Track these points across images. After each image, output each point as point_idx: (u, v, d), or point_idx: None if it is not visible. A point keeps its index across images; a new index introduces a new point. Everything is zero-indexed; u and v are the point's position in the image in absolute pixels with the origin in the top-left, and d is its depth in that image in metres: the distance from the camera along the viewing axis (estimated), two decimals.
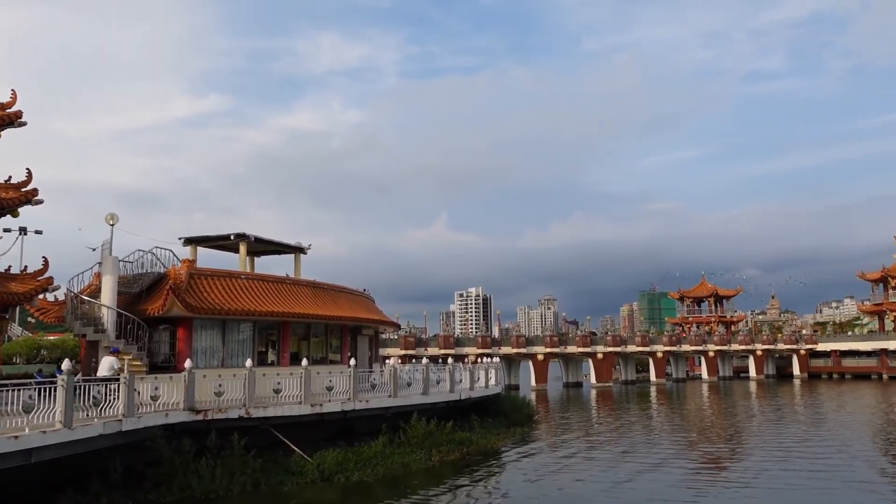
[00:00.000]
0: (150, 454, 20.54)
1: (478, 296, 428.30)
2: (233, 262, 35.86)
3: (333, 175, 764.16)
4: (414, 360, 57.51)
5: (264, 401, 24.64)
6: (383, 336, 63.92)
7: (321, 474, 23.10)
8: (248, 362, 24.99)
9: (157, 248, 29.28)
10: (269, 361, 30.08)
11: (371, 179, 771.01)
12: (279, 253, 38.86)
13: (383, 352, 62.23)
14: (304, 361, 26.39)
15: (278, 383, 25.10)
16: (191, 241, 34.39)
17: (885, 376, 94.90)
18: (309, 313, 30.87)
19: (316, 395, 25.96)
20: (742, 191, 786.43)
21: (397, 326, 49.48)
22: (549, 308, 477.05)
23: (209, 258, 35.76)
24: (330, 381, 26.57)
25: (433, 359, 50.39)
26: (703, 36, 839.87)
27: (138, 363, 24.85)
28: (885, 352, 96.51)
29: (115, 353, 23.73)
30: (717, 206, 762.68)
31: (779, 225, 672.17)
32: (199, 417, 22.48)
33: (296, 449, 24.14)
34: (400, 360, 51.28)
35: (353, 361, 28.27)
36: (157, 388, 21.72)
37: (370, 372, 30.94)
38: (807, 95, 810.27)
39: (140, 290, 27.91)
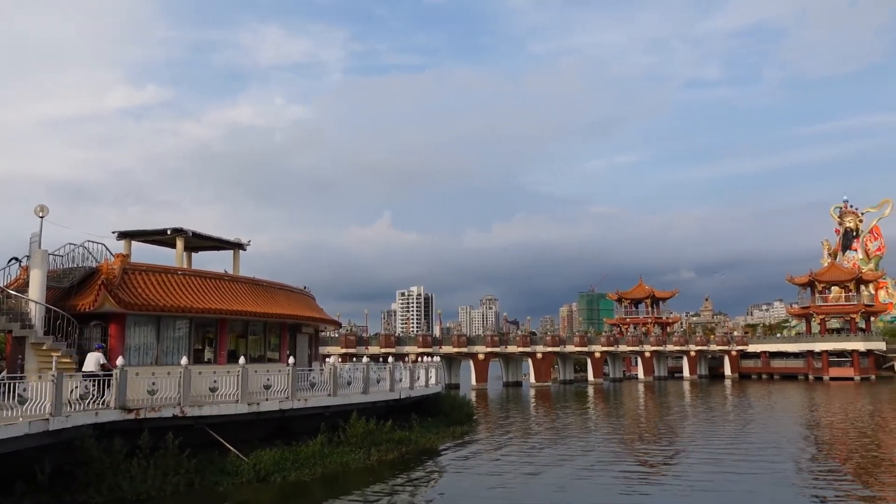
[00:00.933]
0: (79, 454, 19.91)
1: (419, 295, 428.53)
2: (169, 257, 35.04)
3: (275, 171, 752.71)
4: (354, 359, 57.18)
5: (200, 399, 24.14)
6: (324, 334, 63.37)
7: (257, 474, 22.75)
8: (184, 360, 24.44)
9: (89, 241, 28.35)
10: (206, 359, 29.47)
11: (314, 176, 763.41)
12: (218, 249, 38.12)
13: (323, 350, 61.72)
14: (242, 360, 25.97)
15: (215, 382, 24.63)
16: (125, 236, 33.43)
17: (810, 377, 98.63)
18: (247, 311, 30.37)
19: (253, 394, 25.57)
20: (680, 195, 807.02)
21: (338, 325, 49.08)
22: (490, 308, 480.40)
23: (144, 253, 34.83)
24: (268, 379, 26.22)
25: (374, 358, 50.21)
26: (645, 43, 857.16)
27: (68, 360, 24.05)
28: (811, 353, 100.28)
29: (100, 348, 23.78)
30: (657, 209, 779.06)
31: (714, 229, 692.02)
32: (131, 416, 21.88)
33: (231, 448, 23.74)
34: (340, 359, 50.98)
35: (291, 360, 27.95)
36: (87, 387, 21.06)
37: (309, 370, 30.64)
38: (743, 104, 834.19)
39: (70, 284, 26.99)
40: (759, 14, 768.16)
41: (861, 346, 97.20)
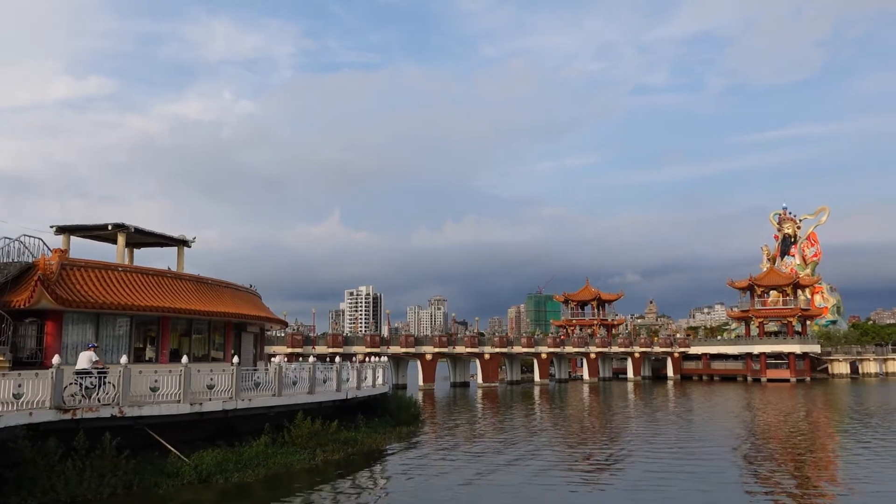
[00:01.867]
0: (11, 456, 19.23)
1: (368, 294, 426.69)
2: (110, 253, 34.17)
3: (223, 167, 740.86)
4: (301, 359, 56.63)
5: (140, 399, 23.57)
6: (270, 334, 62.61)
7: (199, 476, 22.33)
8: (124, 359, 23.80)
9: (25, 236, 27.49)
10: (147, 358, 28.84)
11: (263, 173, 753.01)
12: (161, 245, 37.34)
13: (269, 350, 60.96)
14: (185, 358, 25.45)
15: (156, 381, 24.07)
16: (64, 230, 32.47)
17: (749, 378, 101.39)
18: (191, 309, 29.79)
19: (196, 394, 25.08)
20: (627, 199, 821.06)
21: (284, 324, 48.55)
22: (439, 308, 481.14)
23: (84, 249, 33.96)
24: (211, 379, 25.75)
25: (321, 357, 49.77)
26: (595, 48, 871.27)
27: (0, 358, 23.23)
28: (749, 355, 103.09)
29: (92, 347, 23.88)
30: (605, 212, 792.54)
31: (659, 233, 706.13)
32: (67, 416, 21.22)
33: (172, 449, 23.24)
34: (286, 359, 50.38)
35: (236, 359, 27.50)
36: (20, 386, 20.35)
37: (254, 370, 30.19)
38: (688, 110, 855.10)
39: (5, 280, 26.08)
40: (707, 23, 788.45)
41: (797, 348, 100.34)
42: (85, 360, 22.93)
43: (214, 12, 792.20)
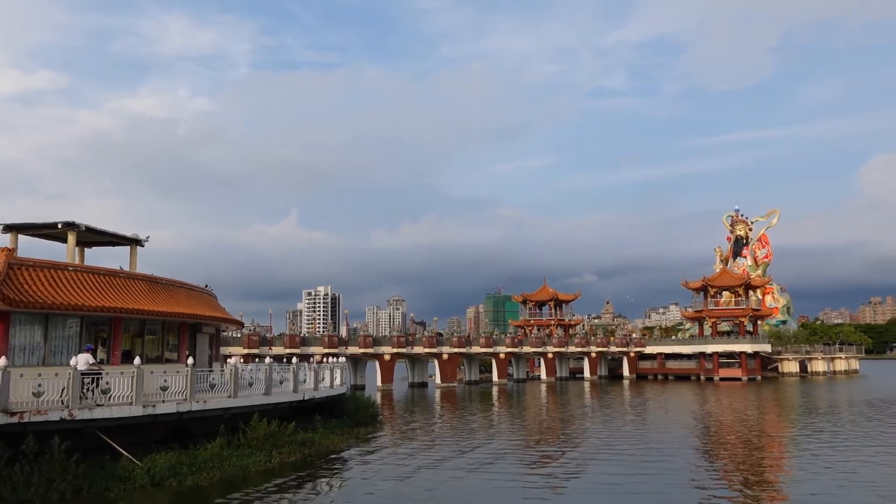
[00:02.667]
0: None
1: (326, 295, 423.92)
2: (60, 252, 33.34)
3: (178, 164, 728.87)
4: (257, 360, 56.02)
5: (91, 402, 23.04)
6: (225, 334, 61.78)
7: (152, 479, 21.93)
8: (73, 360, 23.27)
9: None
10: (98, 360, 28.14)
11: (219, 171, 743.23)
12: (113, 244, 36.56)
13: (225, 350, 60.12)
14: (137, 360, 24.95)
15: (107, 383, 23.57)
16: (11, 229, 31.58)
17: (702, 377, 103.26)
18: (144, 309, 29.21)
19: (149, 396, 24.63)
20: (585, 200, 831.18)
21: (240, 325, 47.94)
22: (397, 308, 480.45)
23: (33, 248, 33.13)
24: (165, 380, 25.30)
25: (278, 358, 49.24)
26: (552, 51, 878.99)
27: None
28: (703, 355, 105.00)
29: (89, 350, 25.08)
30: (562, 213, 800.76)
31: (616, 234, 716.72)
32: (14, 420, 20.64)
33: (124, 452, 22.78)
34: (242, 360, 49.75)
35: (190, 360, 27.06)
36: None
37: (209, 371, 29.78)
38: (644, 114, 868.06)
39: None
40: (662, 28, 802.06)
41: (749, 348, 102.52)
42: (82, 361, 23.62)
43: (168, 7, 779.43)
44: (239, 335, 71.42)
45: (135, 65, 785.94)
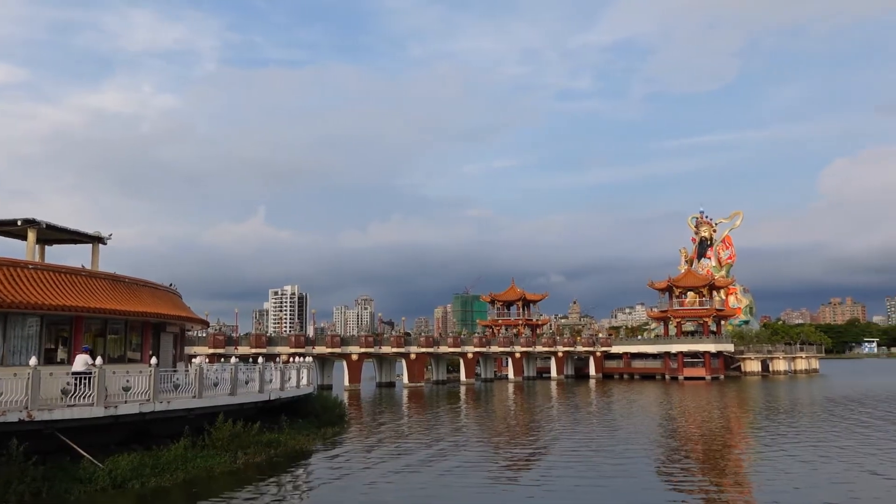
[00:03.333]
0: None
1: (293, 294, 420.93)
2: (20, 250, 32.63)
3: (143, 162, 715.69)
4: (223, 360, 55.37)
5: (51, 402, 22.62)
6: (190, 334, 61.01)
7: (113, 481, 21.57)
8: (33, 360, 22.79)
9: None
10: (59, 360, 27.61)
11: (185, 169, 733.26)
12: (75, 242, 35.89)
13: (190, 350, 59.36)
14: (99, 360, 24.53)
15: (68, 383, 23.14)
16: None
17: (667, 377, 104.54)
18: (106, 308, 28.71)
19: (111, 396, 24.21)
20: (552, 201, 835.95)
21: (206, 324, 47.34)
22: (365, 308, 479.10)
23: None
24: (127, 380, 24.90)
25: (244, 358, 48.77)
26: (520, 52, 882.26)
27: None
28: (667, 354, 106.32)
29: (87, 351, 25.47)
30: (530, 214, 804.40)
31: (583, 235, 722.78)
32: None
33: (85, 454, 22.37)
34: (207, 359, 49.16)
35: (154, 360, 26.67)
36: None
37: (173, 371, 29.39)
38: (611, 116, 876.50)
39: None
40: (629, 31, 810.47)
41: (712, 347, 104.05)
42: (81, 362, 24.31)
43: (134, 2, 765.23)
44: (204, 335, 70.56)
45: (98, 60, 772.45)
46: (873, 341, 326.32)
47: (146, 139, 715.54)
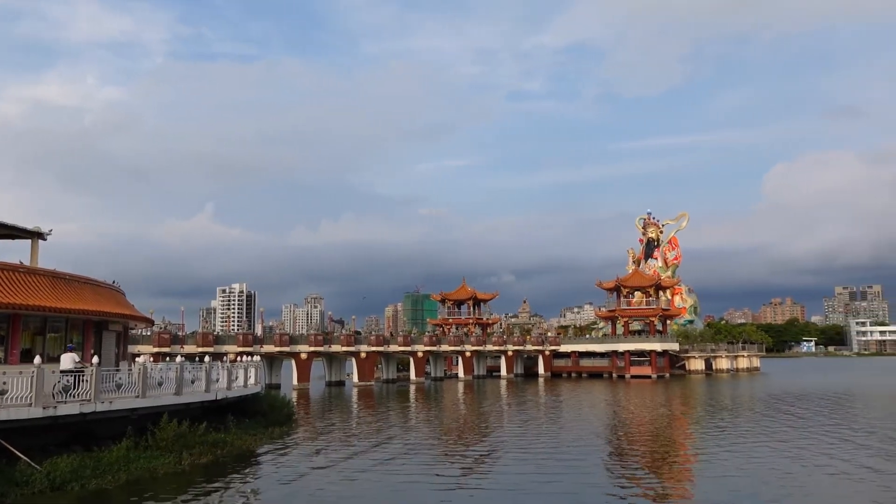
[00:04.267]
0: None
1: (242, 292, 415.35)
2: None
3: (87, 155, 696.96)
4: (168, 359, 54.28)
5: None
6: (134, 332, 59.71)
7: (52, 483, 20.96)
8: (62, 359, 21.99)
9: None
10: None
11: (130, 163, 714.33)
12: (12, 237, 34.74)
13: (134, 349, 58.10)
14: (38, 359, 23.80)
15: (4, 383, 22.38)
16: None
17: (614, 375, 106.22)
18: (45, 306, 27.89)
19: (50, 397, 23.51)
20: (504, 201, 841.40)
21: (150, 322, 46.31)
22: (315, 306, 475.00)
23: None
24: (68, 380, 24.22)
25: (190, 357, 47.89)
26: (474, 52, 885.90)
27: None
28: (615, 353, 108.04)
29: (72, 350, 26.81)
30: (482, 214, 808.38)
31: (534, 235, 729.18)
32: None
33: (21, 456, 21.67)
34: (152, 358, 48.16)
35: (96, 359, 25.99)
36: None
37: (116, 370, 28.68)
38: (563, 117, 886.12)
39: None
40: (581, 34, 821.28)
41: (658, 346, 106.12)
42: (68, 360, 25.22)
43: None
44: (149, 333, 69.11)
45: (40, 49, 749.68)
46: (811, 340, 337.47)
47: (90, 132, 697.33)
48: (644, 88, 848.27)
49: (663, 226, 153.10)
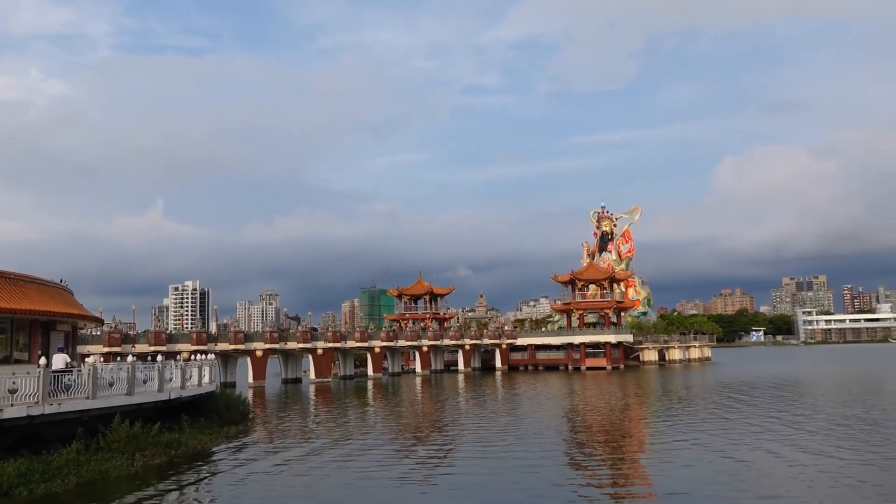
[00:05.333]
0: None
1: (195, 290, 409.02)
2: None
3: (29, 151, 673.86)
4: (119, 358, 53.18)
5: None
6: (84, 332, 58.31)
7: None
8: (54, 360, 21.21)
9: None
10: None
11: (76, 159, 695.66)
12: None
13: (84, 349, 56.78)
14: (92, 358, 23.06)
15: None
16: None
17: (570, 367, 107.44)
18: None
19: None
20: (459, 195, 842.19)
21: (100, 322, 45.27)
22: (270, 303, 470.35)
23: None
24: (14, 382, 23.52)
25: (142, 356, 46.97)
26: (428, 46, 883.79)
27: None
28: (570, 346, 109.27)
29: (63, 350, 28.59)
30: (437, 208, 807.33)
31: (489, 229, 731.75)
32: None
33: None
34: (102, 359, 47.10)
35: (43, 360, 25.31)
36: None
37: (65, 372, 27.95)
38: (517, 112, 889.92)
39: None
40: (534, 29, 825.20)
41: (613, 338, 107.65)
42: (60, 360, 26.77)
43: None
44: (99, 333, 67.57)
45: None
46: (760, 330, 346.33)
47: (34, 127, 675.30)
48: (596, 83, 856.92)
49: (617, 219, 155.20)
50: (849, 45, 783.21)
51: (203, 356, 41.33)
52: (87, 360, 32.05)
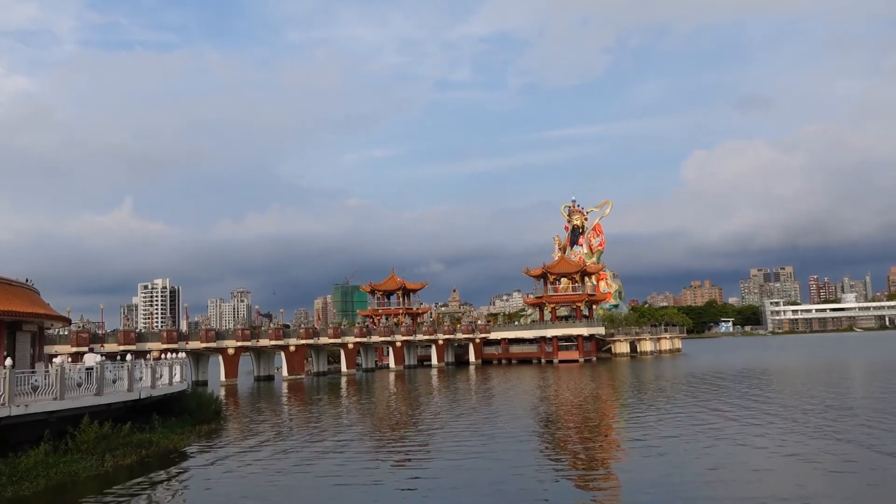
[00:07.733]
0: None
1: (165, 288, 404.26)
2: None
3: None
4: (81, 357, 52.46)
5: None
6: (50, 332, 57.41)
7: None
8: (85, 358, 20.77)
9: None
10: None
11: (41, 157, 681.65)
12: None
13: (51, 349, 55.90)
14: (96, 357, 22.64)
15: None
16: None
17: (543, 361, 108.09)
18: None
19: None
20: (431, 190, 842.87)
21: (67, 321, 44.58)
22: (242, 301, 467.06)
23: None
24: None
25: (112, 356, 46.38)
26: (398, 42, 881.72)
27: None
28: (543, 339, 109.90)
29: (92, 350, 31.18)
30: (409, 204, 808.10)
31: (462, 224, 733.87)
32: None
33: None
34: (70, 359, 46.41)
35: (9, 361, 24.87)
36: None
37: (32, 372, 27.53)
38: (489, 107, 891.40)
39: None
40: (506, 24, 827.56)
41: (585, 331, 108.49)
42: (91, 359, 29.52)
43: None
44: (66, 332, 66.54)
45: None
46: (729, 321, 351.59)
47: None
48: (567, 78, 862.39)
49: (588, 213, 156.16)
50: (815, 42, 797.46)
51: (174, 355, 40.93)
52: (54, 360, 31.58)
